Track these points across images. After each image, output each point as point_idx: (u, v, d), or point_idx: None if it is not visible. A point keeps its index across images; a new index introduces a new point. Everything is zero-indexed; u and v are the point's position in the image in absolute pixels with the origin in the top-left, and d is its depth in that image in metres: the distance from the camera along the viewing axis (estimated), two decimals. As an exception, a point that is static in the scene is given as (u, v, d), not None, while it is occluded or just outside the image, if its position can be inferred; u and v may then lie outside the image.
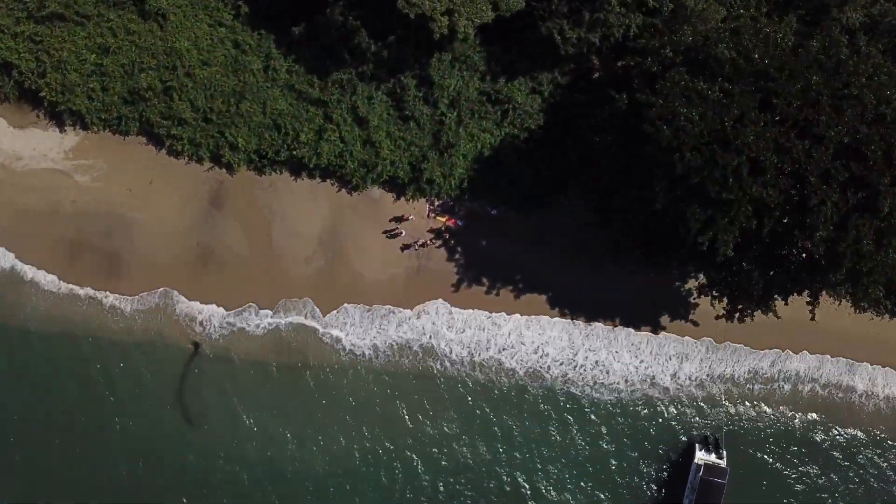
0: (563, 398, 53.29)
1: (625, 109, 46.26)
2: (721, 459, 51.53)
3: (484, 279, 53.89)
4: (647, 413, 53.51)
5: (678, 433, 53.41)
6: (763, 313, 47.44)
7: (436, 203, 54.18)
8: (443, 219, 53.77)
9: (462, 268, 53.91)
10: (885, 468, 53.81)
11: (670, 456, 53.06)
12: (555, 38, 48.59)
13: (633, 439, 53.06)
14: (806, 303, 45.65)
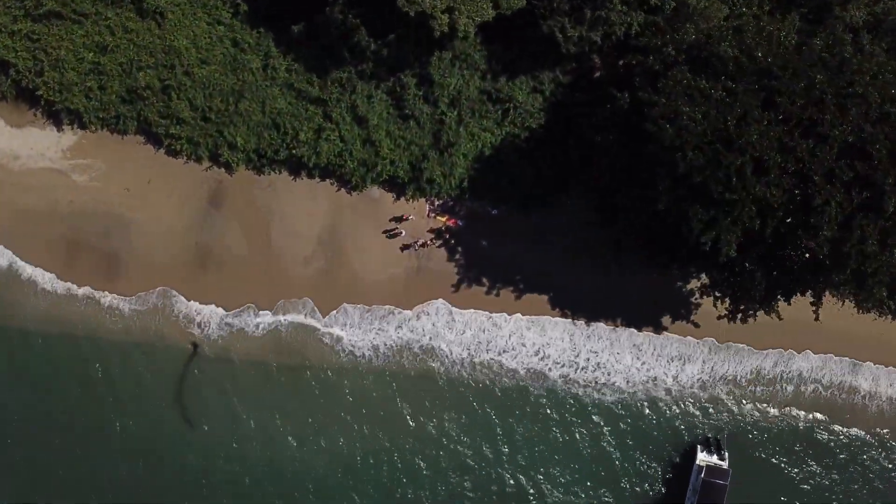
0: (565, 399, 53.14)
1: (626, 108, 46.04)
2: (723, 461, 51.28)
3: (484, 279, 53.70)
4: (649, 414, 53.31)
5: (680, 434, 53.20)
6: (766, 314, 47.21)
7: (436, 203, 53.97)
8: (443, 218, 53.57)
9: (462, 268, 53.72)
10: (889, 468, 53.59)
11: (672, 457, 52.89)
12: (556, 37, 48.43)
13: (635, 440, 52.88)
14: (810, 303, 45.50)
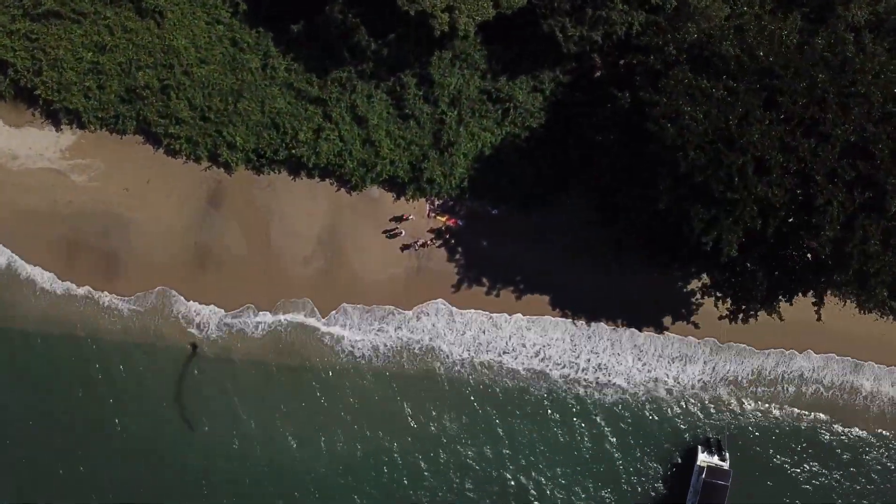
0: (566, 399, 53.00)
1: (627, 108, 45.88)
2: (724, 462, 51.11)
3: (485, 279, 53.54)
4: (650, 415, 53.15)
5: (681, 435, 53.03)
6: (767, 314, 47.00)
7: (436, 202, 53.82)
8: (443, 218, 53.42)
9: (463, 268, 53.56)
10: (892, 468, 53.38)
11: (673, 458, 52.74)
12: (557, 36, 48.26)
13: (636, 441, 52.73)
14: (812, 303, 45.31)
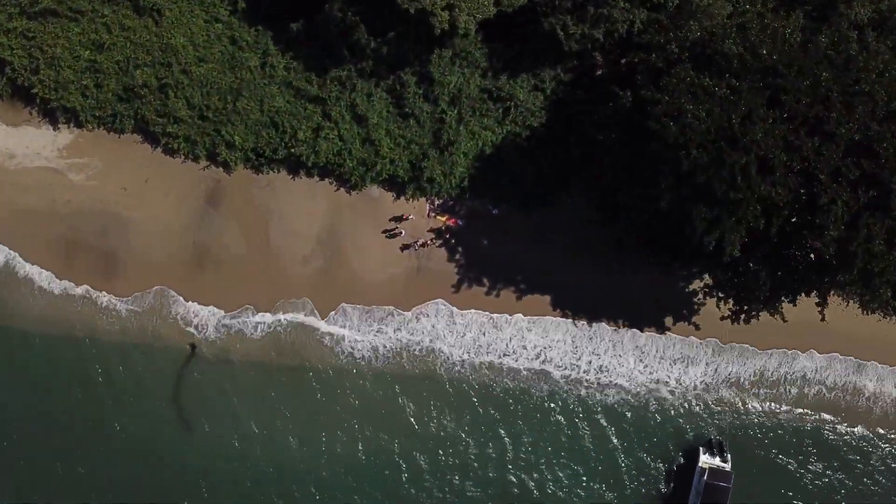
0: (567, 401, 52.70)
1: (629, 106, 45.66)
2: (726, 463, 50.82)
3: (485, 279, 53.31)
4: (652, 416, 52.88)
5: (683, 436, 52.73)
6: (770, 314, 46.80)
7: (436, 202, 53.60)
8: (443, 218, 53.21)
9: (463, 268, 53.33)
10: (895, 469, 53.10)
11: (675, 459, 52.46)
12: (558, 34, 48.07)
13: (638, 442, 52.46)
14: (815, 304, 45.07)
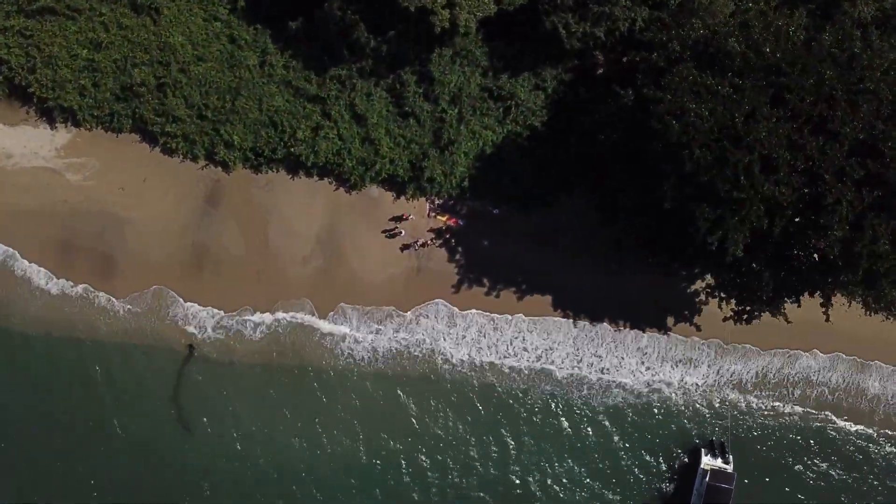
0: (568, 402, 52.51)
1: (631, 105, 45.43)
2: (728, 464, 50.57)
3: (485, 279, 53.09)
4: (654, 417, 52.65)
5: (684, 438, 52.47)
6: (772, 315, 46.52)
7: (436, 202, 53.40)
8: (443, 218, 53.01)
9: (463, 268, 53.10)
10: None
11: (677, 461, 52.19)
12: (559, 33, 48.06)
13: (640, 443, 52.24)
14: (820, 304, 44.81)
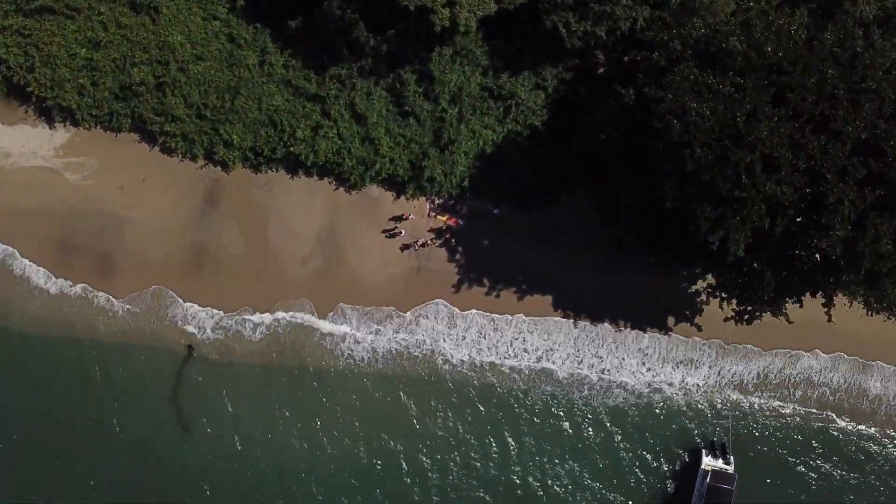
0: (569, 402, 52.30)
1: (632, 105, 45.30)
2: (729, 465, 50.35)
3: (485, 279, 52.95)
4: (655, 418, 52.43)
5: (686, 438, 52.23)
6: (773, 316, 46.36)
7: (436, 202, 53.28)
8: (443, 218, 52.89)
9: (463, 268, 52.96)
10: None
11: (678, 462, 51.98)
12: (560, 32, 47.96)
13: (641, 444, 51.99)
14: (822, 304, 44.67)
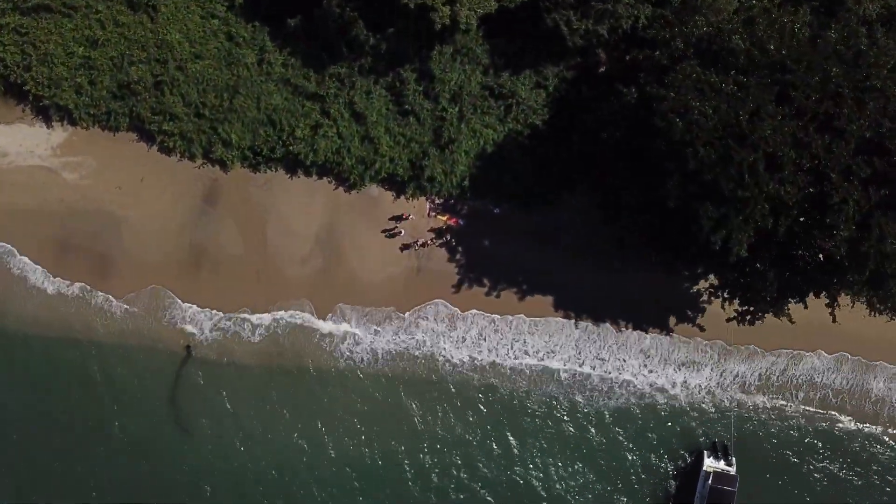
0: (570, 403, 52.15)
1: (634, 103, 45.09)
2: (730, 467, 50.14)
3: (486, 279, 52.79)
4: (658, 418, 52.32)
5: (687, 440, 52.09)
6: (776, 316, 46.15)
7: (436, 201, 53.13)
8: (444, 217, 52.75)
9: (463, 268, 52.79)
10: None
11: (679, 463, 51.81)
12: (561, 30, 47.79)
13: (642, 445, 51.87)
14: (825, 305, 44.49)
